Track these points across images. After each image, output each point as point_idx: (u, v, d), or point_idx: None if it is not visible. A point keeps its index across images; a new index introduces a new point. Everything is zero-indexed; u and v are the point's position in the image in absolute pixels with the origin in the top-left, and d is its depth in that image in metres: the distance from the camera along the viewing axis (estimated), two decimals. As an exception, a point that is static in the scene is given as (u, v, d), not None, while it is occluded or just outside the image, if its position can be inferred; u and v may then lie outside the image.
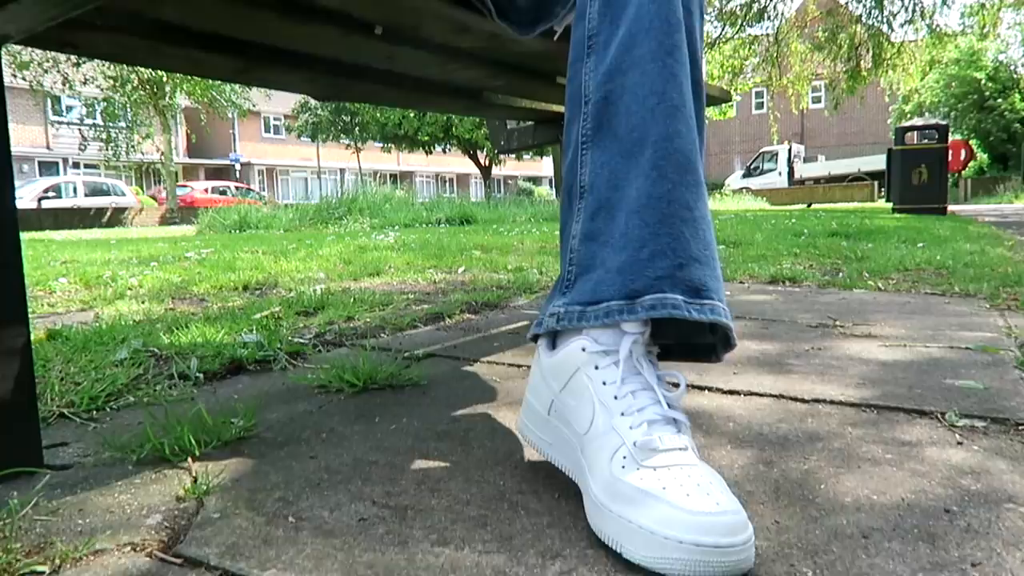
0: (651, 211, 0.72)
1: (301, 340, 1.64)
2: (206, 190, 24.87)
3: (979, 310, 1.98)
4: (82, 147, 20.41)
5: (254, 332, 1.65)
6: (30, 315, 0.84)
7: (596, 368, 0.74)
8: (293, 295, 2.34)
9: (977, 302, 2.12)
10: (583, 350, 0.75)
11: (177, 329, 1.71)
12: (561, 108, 1.81)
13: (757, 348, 1.52)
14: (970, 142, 24.04)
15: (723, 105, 10.21)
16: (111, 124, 20.46)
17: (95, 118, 21.27)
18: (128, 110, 20.27)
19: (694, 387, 1.21)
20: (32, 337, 1.05)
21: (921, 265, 3.03)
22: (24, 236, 1.71)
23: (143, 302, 2.31)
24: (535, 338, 0.83)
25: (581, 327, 0.75)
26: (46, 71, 18.36)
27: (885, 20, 12.25)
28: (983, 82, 26.87)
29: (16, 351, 0.84)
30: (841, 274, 2.82)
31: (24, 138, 27.64)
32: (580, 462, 0.72)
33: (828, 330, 1.71)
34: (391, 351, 1.54)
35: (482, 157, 24.11)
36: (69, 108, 27.10)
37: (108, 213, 18.33)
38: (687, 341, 0.82)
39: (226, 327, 1.72)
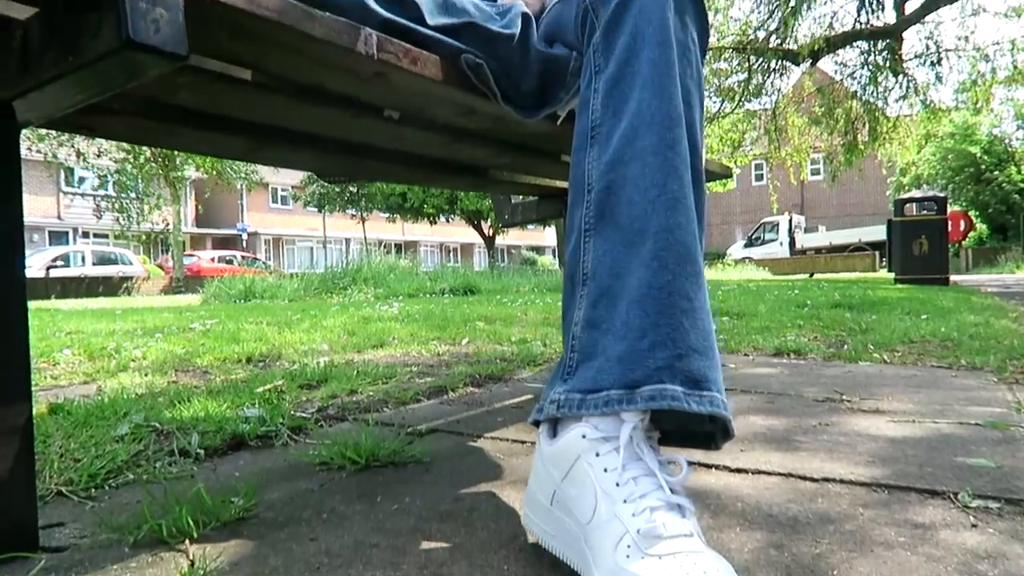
0: (652, 301, 0.73)
1: (303, 415, 1.62)
2: (212, 259, 25.10)
3: (987, 384, 1.96)
4: (97, 215, 20.73)
5: (256, 406, 1.64)
6: (33, 388, 0.84)
7: (597, 455, 0.73)
8: (296, 367, 2.34)
9: (984, 375, 2.11)
10: (583, 437, 0.75)
11: (179, 403, 1.70)
12: (564, 184, 1.84)
13: (764, 424, 1.51)
14: (969, 213, 24.28)
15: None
16: (123, 195, 20.82)
17: (107, 189, 21.65)
18: (139, 181, 20.65)
19: (700, 465, 1.19)
20: (34, 411, 1.05)
21: (926, 337, 3.02)
22: (31, 305, 1.71)
23: (146, 375, 2.30)
24: (536, 423, 0.83)
25: (581, 415, 0.75)
26: (61, 144, 18.78)
27: (880, 96, 12.53)
28: (979, 155, 27.31)
29: (17, 430, 0.84)
30: (846, 346, 2.81)
31: (36, 208, 28.07)
32: (584, 553, 0.71)
33: (835, 405, 1.70)
34: (394, 426, 1.53)
35: (486, 227, 24.36)
36: (81, 179, 27.59)
37: (115, 282, 18.45)
38: (686, 429, 0.82)
39: (228, 401, 1.71)
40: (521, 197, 2.14)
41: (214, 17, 0.70)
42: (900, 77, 12.13)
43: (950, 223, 9.55)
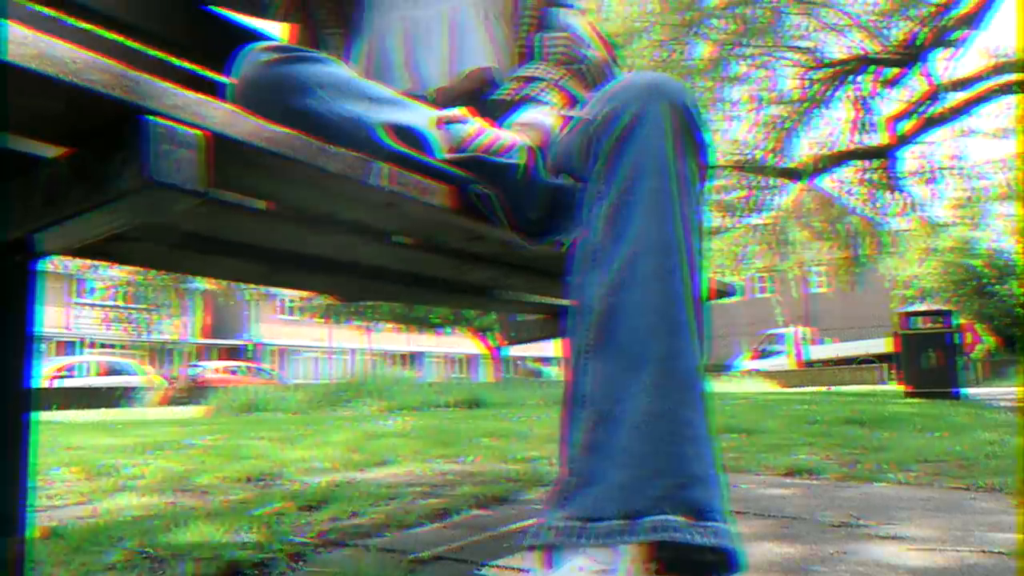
0: (652, 428, 0.72)
1: (303, 539, 1.58)
2: (217, 370, 25.04)
3: (1007, 507, 1.90)
4: (108, 327, 20.92)
5: (254, 531, 1.60)
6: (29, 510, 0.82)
7: None
8: (297, 487, 2.29)
9: (1004, 497, 2.05)
10: (580, 569, 0.72)
11: (175, 527, 1.65)
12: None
13: (778, 551, 1.45)
14: (975, 326, 24.25)
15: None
16: (133, 306, 21.07)
17: (117, 299, 21.94)
18: (150, 292, 20.94)
19: (715, 599, 1.14)
20: (29, 535, 1.02)
21: (941, 456, 2.95)
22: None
23: (144, 495, 2.25)
24: (532, 548, 0.81)
25: (580, 544, 0.73)
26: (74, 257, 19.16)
27: (879, 212, 12.80)
28: (980, 269, 27.55)
29: (5, 565, 0.81)
30: (860, 466, 2.75)
31: (45, 319, 28.34)
32: None
33: (852, 530, 1.64)
34: (396, 552, 1.48)
35: (491, 339, 24.40)
36: (92, 290, 27.98)
37: (120, 393, 18.37)
38: (689, 559, 0.80)
39: (226, 524, 1.67)
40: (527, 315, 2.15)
41: (234, 155, 0.73)
42: (897, 194, 12.43)
43: (957, 335, 9.52)
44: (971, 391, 10.84)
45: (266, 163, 0.77)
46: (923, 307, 9.72)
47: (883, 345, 20.42)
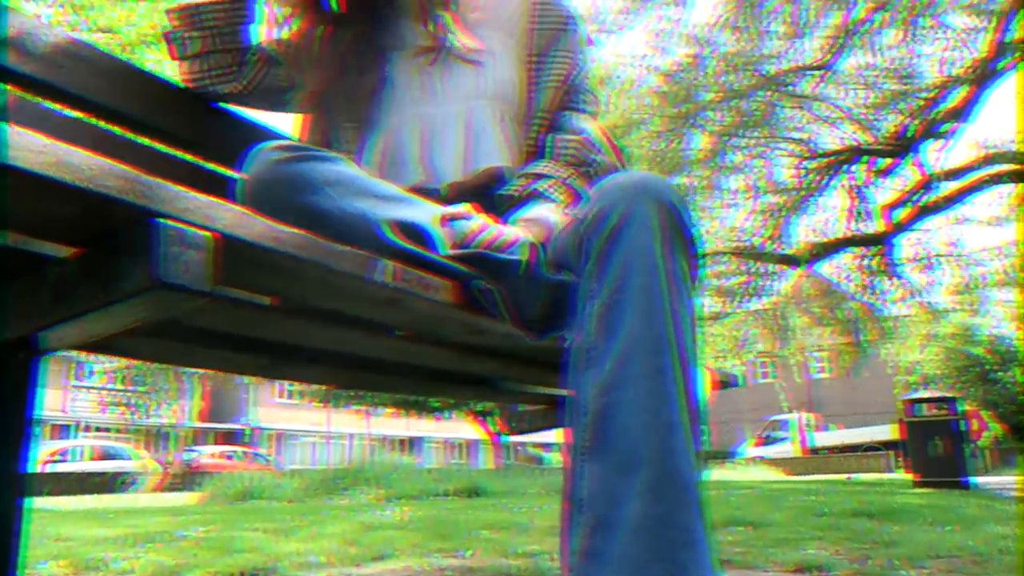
0: (648, 533, 0.72)
1: (296, 641, 1.52)
2: (213, 455, 24.62)
3: (1026, 610, 1.84)
4: (104, 410, 20.73)
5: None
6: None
7: None
8: (291, 583, 2.22)
9: (1022, 599, 1.98)
10: None
11: (165, 626, 1.59)
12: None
13: (791, 658, 1.39)
14: (981, 413, 23.98)
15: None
16: (131, 389, 20.92)
17: (116, 383, 21.79)
18: (148, 376, 20.81)
19: None
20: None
21: (954, 552, 2.87)
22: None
23: (133, 590, 2.18)
24: None
25: None
26: (75, 339, 19.15)
27: (878, 298, 12.86)
28: (982, 356, 27.43)
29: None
30: (871, 562, 2.67)
31: (42, 403, 28.04)
32: None
33: (866, 634, 1.58)
34: (392, 657, 1.42)
35: (492, 424, 24.10)
36: (91, 373, 27.83)
37: (113, 478, 18.02)
38: None
39: (217, 624, 1.61)
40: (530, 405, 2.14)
41: (242, 255, 0.74)
42: (895, 280, 12.52)
43: (963, 423, 9.40)
44: (980, 480, 10.64)
45: (273, 262, 0.78)
46: (927, 394, 9.62)
47: (888, 432, 20.16)
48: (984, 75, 6.73)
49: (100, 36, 7.95)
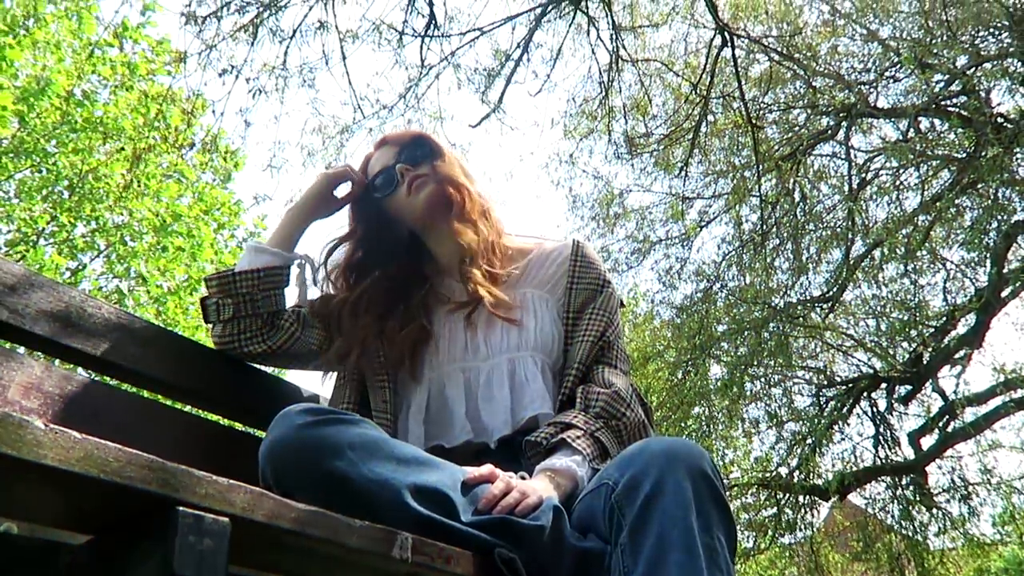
0: None
1: None
2: None
3: None
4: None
5: None
6: None
7: None
8: None
9: None
10: None
11: None
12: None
13: None
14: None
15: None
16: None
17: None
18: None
19: None
20: None
21: None
22: None
23: None
24: None
25: None
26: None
27: (918, 530, 12.17)
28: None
29: None
30: None
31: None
32: None
33: None
34: None
35: None
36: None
37: None
38: None
39: None
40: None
41: (260, 538, 0.72)
42: (933, 511, 11.91)
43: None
44: None
45: (289, 542, 0.76)
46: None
47: None
48: (989, 304, 6.89)
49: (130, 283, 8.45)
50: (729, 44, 5.18)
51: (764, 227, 6.92)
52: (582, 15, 5.38)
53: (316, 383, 1.53)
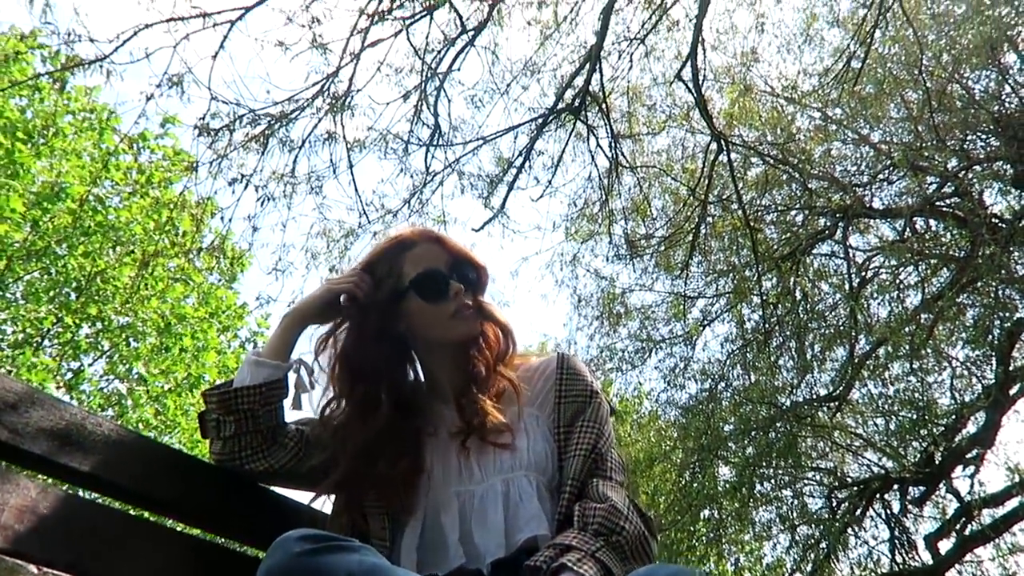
0: None
1: None
2: None
3: None
4: None
5: None
6: None
7: None
8: None
9: None
10: None
11: None
12: None
13: None
14: None
15: None
16: None
17: None
18: None
19: None
20: None
21: None
22: None
23: None
24: None
25: None
26: None
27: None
28: None
29: None
30: None
31: None
32: None
33: None
34: None
35: None
36: None
37: None
38: None
39: None
40: None
41: None
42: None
43: None
44: None
45: None
46: None
47: None
48: (998, 401, 6.79)
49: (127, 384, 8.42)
50: (725, 150, 5.34)
51: (767, 326, 6.92)
52: (582, 124, 5.57)
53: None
